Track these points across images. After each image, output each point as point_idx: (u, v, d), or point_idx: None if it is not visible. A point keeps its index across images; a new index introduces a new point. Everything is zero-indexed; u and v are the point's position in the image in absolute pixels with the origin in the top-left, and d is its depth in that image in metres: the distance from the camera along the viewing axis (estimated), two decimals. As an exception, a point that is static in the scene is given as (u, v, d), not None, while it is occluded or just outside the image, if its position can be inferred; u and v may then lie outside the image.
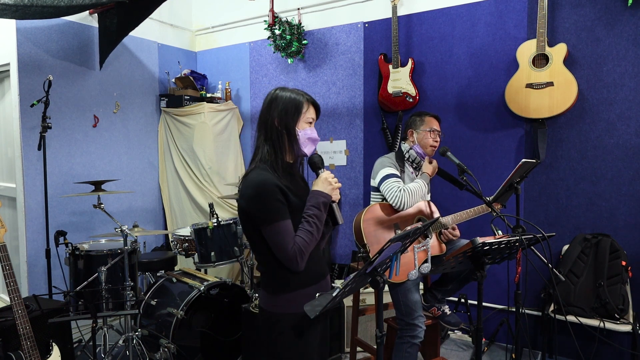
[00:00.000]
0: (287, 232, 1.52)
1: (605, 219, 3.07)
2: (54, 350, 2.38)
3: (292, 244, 1.52)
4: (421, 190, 2.48)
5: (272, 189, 1.52)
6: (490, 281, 3.36)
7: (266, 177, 1.54)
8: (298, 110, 1.61)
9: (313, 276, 1.64)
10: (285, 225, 1.52)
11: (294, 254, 1.51)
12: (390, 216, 2.46)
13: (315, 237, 1.56)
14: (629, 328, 2.70)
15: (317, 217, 1.56)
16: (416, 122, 2.63)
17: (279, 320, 1.60)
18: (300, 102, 1.62)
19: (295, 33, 4.11)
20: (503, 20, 3.35)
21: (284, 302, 1.60)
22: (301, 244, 1.53)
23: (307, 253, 1.55)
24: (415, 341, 2.38)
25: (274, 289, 1.62)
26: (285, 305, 1.60)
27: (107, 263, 2.82)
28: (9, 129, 3.77)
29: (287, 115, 1.60)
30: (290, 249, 1.51)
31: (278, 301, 1.61)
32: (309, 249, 1.55)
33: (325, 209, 1.60)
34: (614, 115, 3.02)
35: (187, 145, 4.39)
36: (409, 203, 2.41)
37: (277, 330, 1.61)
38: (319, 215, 1.57)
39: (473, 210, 2.57)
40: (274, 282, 1.62)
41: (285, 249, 1.51)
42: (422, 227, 1.54)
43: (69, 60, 3.80)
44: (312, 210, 1.57)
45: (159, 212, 4.61)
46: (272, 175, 1.55)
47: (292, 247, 1.51)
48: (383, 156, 2.65)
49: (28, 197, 3.54)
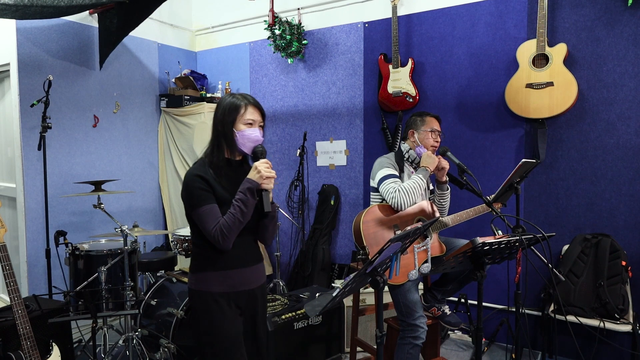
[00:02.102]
0: (209, 215, 1.70)
1: (605, 219, 3.07)
2: (54, 350, 2.38)
3: (215, 224, 1.69)
4: (419, 186, 2.42)
5: (194, 178, 1.72)
6: (490, 281, 3.36)
7: (192, 170, 1.76)
8: (234, 112, 1.77)
9: (231, 262, 1.78)
10: (207, 209, 1.70)
11: (216, 233, 1.68)
12: (390, 217, 2.44)
13: (238, 219, 1.70)
14: (629, 328, 2.70)
15: (241, 201, 1.70)
16: (417, 122, 2.62)
17: (192, 296, 1.81)
18: (237, 105, 1.78)
19: (295, 33, 4.11)
20: (503, 20, 3.35)
21: (197, 280, 1.79)
22: (223, 225, 1.69)
23: (231, 233, 1.70)
24: (417, 342, 2.37)
25: (193, 268, 1.83)
26: (198, 283, 1.79)
27: (107, 263, 2.82)
28: (9, 129, 3.77)
29: (224, 117, 1.78)
30: (212, 230, 1.69)
31: (194, 279, 1.81)
32: (232, 230, 1.70)
33: (252, 195, 1.72)
34: (614, 115, 3.02)
35: (187, 145, 4.39)
36: (407, 203, 2.39)
37: (194, 306, 1.81)
38: (244, 200, 1.70)
39: (473, 210, 2.57)
40: (194, 262, 1.83)
41: (208, 230, 1.70)
42: (421, 227, 1.55)
43: (69, 60, 3.80)
44: (239, 195, 1.72)
45: (159, 212, 4.61)
46: (200, 168, 1.75)
47: (214, 227, 1.69)
48: (382, 156, 2.64)
49: (28, 197, 3.55)
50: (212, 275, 1.77)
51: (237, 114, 1.77)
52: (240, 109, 1.77)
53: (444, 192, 2.61)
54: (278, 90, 4.43)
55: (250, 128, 1.78)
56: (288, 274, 4.35)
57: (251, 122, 1.78)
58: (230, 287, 1.78)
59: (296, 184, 4.28)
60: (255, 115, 1.80)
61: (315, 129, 4.24)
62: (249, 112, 1.78)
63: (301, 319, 2.91)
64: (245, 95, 1.83)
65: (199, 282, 1.78)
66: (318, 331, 3.01)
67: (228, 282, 1.78)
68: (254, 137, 1.78)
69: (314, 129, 4.24)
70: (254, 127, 1.79)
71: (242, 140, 1.77)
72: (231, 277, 1.78)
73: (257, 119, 1.80)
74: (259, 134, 1.79)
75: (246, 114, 1.78)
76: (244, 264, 1.82)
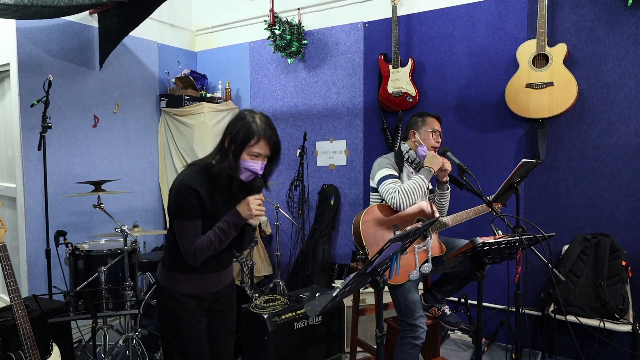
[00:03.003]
0: (190, 231, 1.72)
1: (605, 219, 3.07)
2: (54, 350, 2.38)
3: (192, 243, 1.72)
4: (420, 187, 2.40)
5: (188, 191, 1.71)
6: (490, 281, 3.36)
7: (187, 179, 1.73)
8: (245, 141, 1.74)
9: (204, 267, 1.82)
10: (191, 225, 1.72)
11: (189, 252, 1.73)
12: (390, 217, 2.44)
13: (214, 247, 1.74)
14: (629, 328, 2.70)
15: (223, 231, 1.74)
16: (418, 122, 2.61)
17: (163, 291, 1.84)
18: (250, 135, 1.74)
19: (295, 33, 4.11)
20: (503, 20, 3.34)
21: (168, 279, 1.83)
22: (198, 247, 1.73)
23: (203, 256, 1.75)
24: (417, 342, 2.37)
25: (167, 266, 1.85)
26: (168, 281, 1.83)
27: (107, 263, 2.82)
28: (9, 129, 3.77)
29: (234, 140, 1.75)
30: (187, 247, 1.72)
31: (165, 275, 1.85)
32: (206, 253, 1.75)
33: (235, 228, 1.77)
34: (614, 115, 3.02)
35: (187, 145, 4.39)
36: (406, 203, 2.38)
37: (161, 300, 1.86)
38: (226, 231, 1.74)
39: (473, 210, 2.57)
40: (168, 257, 1.86)
41: (183, 245, 1.73)
42: (421, 228, 1.55)
43: (69, 60, 3.80)
44: (223, 224, 1.75)
45: (159, 212, 4.61)
46: (197, 179, 1.73)
47: (191, 246, 1.72)
48: (381, 156, 2.63)
49: (28, 197, 3.54)
50: (183, 277, 1.82)
51: (246, 144, 1.74)
52: (251, 140, 1.74)
53: (444, 192, 2.60)
54: (278, 90, 4.43)
55: (254, 160, 1.77)
56: (288, 274, 4.35)
57: (257, 154, 1.77)
58: (199, 289, 1.84)
59: (296, 184, 4.28)
60: (263, 149, 1.77)
61: (315, 129, 4.24)
62: (258, 146, 1.75)
63: (301, 319, 2.91)
64: (266, 123, 1.78)
65: (168, 280, 1.83)
66: (318, 331, 3.01)
67: (197, 285, 1.83)
68: (253, 168, 1.77)
69: (314, 129, 4.24)
70: (257, 160, 1.78)
71: (241, 168, 1.77)
72: (202, 280, 1.84)
73: (264, 152, 1.78)
74: (258, 167, 1.78)
75: (255, 147, 1.75)
76: (216, 268, 1.88)
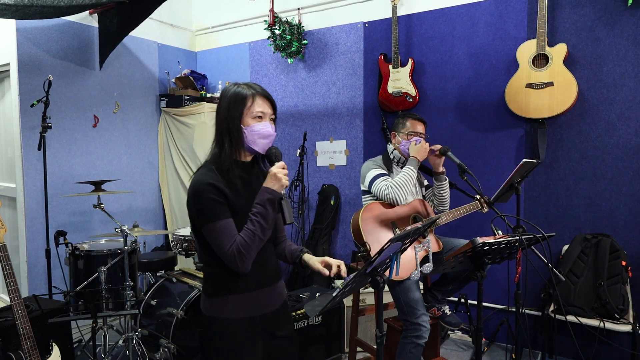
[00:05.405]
0: (224, 231, 1.44)
1: (605, 219, 3.07)
2: (54, 350, 2.38)
3: (231, 244, 1.44)
4: (410, 177, 2.46)
5: (206, 188, 1.44)
6: (490, 281, 3.35)
7: (202, 178, 1.47)
8: (241, 105, 1.51)
9: (252, 283, 1.54)
10: (222, 224, 1.44)
11: (232, 254, 1.43)
12: (388, 214, 2.48)
13: (258, 236, 1.46)
14: (629, 328, 2.70)
15: (260, 215, 1.46)
16: (398, 124, 2.67)
17: (207, 322, 1.54)
18: (244, 96, 1.51)
19: (295, 33, 4.11)
20: (503, 20, 3.34)
21: (212, 305, 1.53)
22: (241, 244, 1.44)
23: (250, 253, 1.46)
24: (419, 342, 2.37)
25: (210, 292, 1.55)
26: (213, 309, 1.53)
27: (107, 263, 2.82)
28: (9, 129, 3.77)
29: (229, 111, 1.51)
30: (228, 250, 1.43)
31: (209, 303, 1.54)
32: (251, 249, 1.45)
33: (272, 207, 1.48)
34: (614, 115, 3.02)
35: (187, 145, 4.39)
36: (401, 196, 2.42)
37: (206, 333, 1.55)
38: (263, 213, 1.46)
39: (464, 207, 2.57)
40: (211, 284, 1.55)
41: (223, 251, 1.44)
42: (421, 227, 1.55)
43: (69, 60, 3.80)
44: (257, 208, 1.47)
45: (159, 212, 4.61)
46: (211, 175, 1.48)
47: (230, 247, 1.43)
48: (368, 160, 2.69)
49: (28, 197, 3.54)
50: (229, 299, 1.52)
51: (244, 107, 1.51)
52: (247, 101, 1.51)
53: (442, 182, 2.62)
54: (278, 90, 4.43)
55: (260, 122, 1.52)
56: (288, 274, 4.35)
57: (261, 114, 1.52)
58: (250, 311, 1.54)
59: (296, 184, 4.28)
60: (265, 106, 1.54)
61: (315, 129, 4.24)
62: (258, 104, 1.52)
63: (301, 319, 2.91)
64: (252, 84, 1.55)
65: (214, 308, 1.53)
66: (318, 331, 3.01)
67: (247, 306, 1.53)
68: (265, 132, 1.52)
69: (314, 129, 4.24)
70: (264, 121, 1.53)
71: (251, 137, 1.51)
72: (251, 299, 1.54)
73: (267, 111, 1.54)
74: (270, 129, 1.53)
75: (254, 105, 1.51)
76: (265, 283, 1.58)
